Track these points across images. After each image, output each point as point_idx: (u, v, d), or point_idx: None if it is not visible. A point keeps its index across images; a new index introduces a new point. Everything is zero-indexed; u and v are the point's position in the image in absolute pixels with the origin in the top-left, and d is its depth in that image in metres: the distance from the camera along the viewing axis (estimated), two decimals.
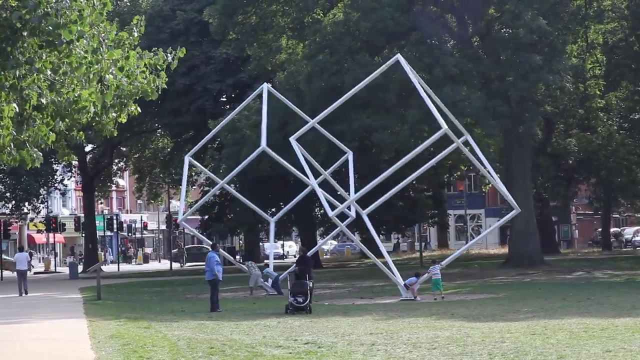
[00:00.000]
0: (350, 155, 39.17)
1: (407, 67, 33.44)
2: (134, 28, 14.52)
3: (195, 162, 39.94)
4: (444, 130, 31.18)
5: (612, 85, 55.81)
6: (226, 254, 43.68)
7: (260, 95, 40.23)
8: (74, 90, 13.47)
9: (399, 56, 33.94)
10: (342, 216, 37.18)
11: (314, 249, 44.12)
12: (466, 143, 34.78)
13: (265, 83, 39.47)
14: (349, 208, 36.84)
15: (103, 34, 13.53)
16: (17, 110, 12.92)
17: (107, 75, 13.63)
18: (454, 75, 43.22)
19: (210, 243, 35.49)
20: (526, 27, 42.81)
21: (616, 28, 53.27)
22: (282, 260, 77.73)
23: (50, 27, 12.03)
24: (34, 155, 14.21)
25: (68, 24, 12.24)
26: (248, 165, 41.62)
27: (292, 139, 32.83)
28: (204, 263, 33.35)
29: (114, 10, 57.02)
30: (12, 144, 13.83)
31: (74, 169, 74.57)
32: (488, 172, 35.07)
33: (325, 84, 44.08)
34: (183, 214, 38.60)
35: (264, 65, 53.10)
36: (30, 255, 48.34)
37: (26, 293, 40.41)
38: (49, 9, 12.00)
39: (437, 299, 30.50)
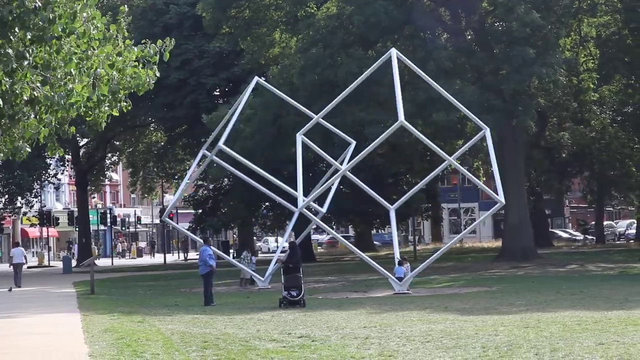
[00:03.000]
0: (352, 145, 38.84)
1: (403, 61, 33.54)
2: (122, 19, 14.50)
3: (228, 149, 38.93)
4: (484, 131, 32.16)
5: (605, 79, 55.87)
6: (217, 249, 43.58)
7: (253, 89, 40.12)
8: (66, 84, 13.44)
9: (393, 50, 33.93)
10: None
11: (301, 236, 43.93)
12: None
13: (257, 77, 39.30)
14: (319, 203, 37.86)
15: (94, 31, 13.48)
16: (2, 104, 12.86)
17: (98, 70, 13.61)
18: (448, 69, 43.23)
19: (203, 238, 35.45)
20: (519, 21, 42.81)
21: (609, 21, 53.32)
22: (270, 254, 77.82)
23: (41, 22, 11.99)
24: (20, 145, 14.20)
25: (57, 19, 12.19)
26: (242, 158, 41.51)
27: (299, 135, 32.69)
28: None
29: (106, 4, 56.95)
30: (1, 139, 13.81)
31: (67, 163, 74.48)
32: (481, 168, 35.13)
33: (318, 77, 44.09)
34: (171, 210, 38.44)
35: (257, 59, 53.08)
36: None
37: (19, 287, 40.90)
38: (39, 3, 11.95)
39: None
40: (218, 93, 62.66)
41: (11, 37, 12.16)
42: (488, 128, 32.95)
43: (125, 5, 15.60)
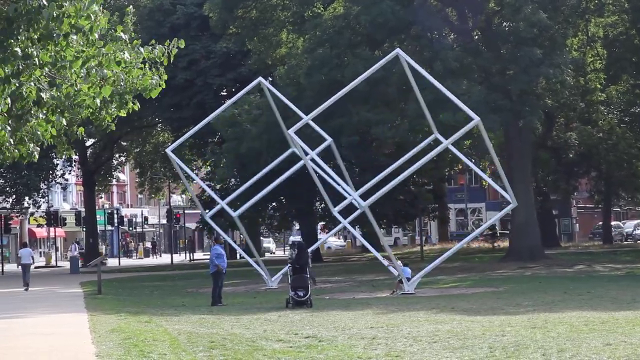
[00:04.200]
0: (331, 143, 37.46)
1: (407, 62, 33.39)
2: (129, 20, 14.51)
3: (174, 157, 39.24)
4: (476, 121, 31.48)
5: (613, 79, 55.77)
6: (232, 243, 43.62)
7: (257, 90, 40.16)
8: (73, 85, 13.44)
9: (398, 51, 33.90)
10: (345, 211, 37.37)
11: (315, 244, 43.92)
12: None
13: (260, 77, 39.29)
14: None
15: (99, 31, 13.48)
16: (10, 105, 12.86)
17: (104, 70, 13.61)
18: (454, 69, 43.16)
19: (214, 237, 35.44)
20: (526, 21, 42.75)
21: (616, 21, 53.23)
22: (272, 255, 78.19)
23: (44, 21, 11.98)
24: (31, 149, 14.21)
25: (63, 16, 12.18)
26: (249, 159, 41.61)
27: (291, 132, 32.54)
28: None
29: (113, 4, 57.04)
30: (11, 140, 13.80)
31: (74, 164, 74.60)
32: (487, 167, 34.89)
33: (325, 77, 44.07)
34: (205, 211, 38.16)
35: (264, 59, 53.13)
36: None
37: (28, 285, 41.09)
38: (44, 1, 11.93)
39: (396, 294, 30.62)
40: (225, 93, 62.72)
41: (18, 36, 12.16)
42: (478, 118, 32.20)
43: (132, 6, 15.57)
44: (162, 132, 73.33)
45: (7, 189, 67.35)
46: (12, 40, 12.18)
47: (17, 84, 12.62)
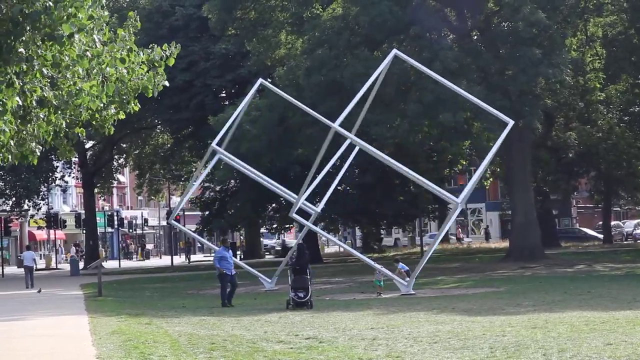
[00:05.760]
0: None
1: (408, 61, 33.53)
2: (130, 24, 14.53)
3: (224, 152, 38.39)
4: (512, 124, 32.21)
5: (612, 79, 55.80)
6: (206, 242, 43.60)
7: (259, 91, 40.07)
8: (75, 83, 13.46)
9: (395, 51, 33.95)
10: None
11: (299, 237, 43.95)
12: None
13: (260, 79, 39.35)
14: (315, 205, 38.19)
15: (100, 30, 13.48)
16: (20, 103, 12.88)
17: (107, 68, 13.63)
18: (454, 69, 43.13)
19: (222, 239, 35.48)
20: (525, 21, 42.75)
21: (615, 21, 53.25)
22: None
23: (51, 21, 12.00)
24: (34, 149, 14.23)
25: (68, 17, 12.19)
26: (248, 160, 41.47)
27: (336, 125, 32.03)
28: None
29: (112, 6, 57.04)
30: (12, 142, 13.80)
31: (74, 166, 74.59)
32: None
33: (324, 78, 44.08)
34: (176, 213, 38.49)
35: (263, 60, 53.11)
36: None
37: (32, 287, 41.52)
38: (49, 3, 11.96)
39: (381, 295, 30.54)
40: (224, 95, 62.70)
41: (23, 37, 12.19)
42: (513, 121, 32.86)
43: (136, 12, 15.55)
44: (161, 133, 73.33)
45: (7, 191, 67.36)
46: (17, 42, 12.20)
47: (20, 84, 12.64)
